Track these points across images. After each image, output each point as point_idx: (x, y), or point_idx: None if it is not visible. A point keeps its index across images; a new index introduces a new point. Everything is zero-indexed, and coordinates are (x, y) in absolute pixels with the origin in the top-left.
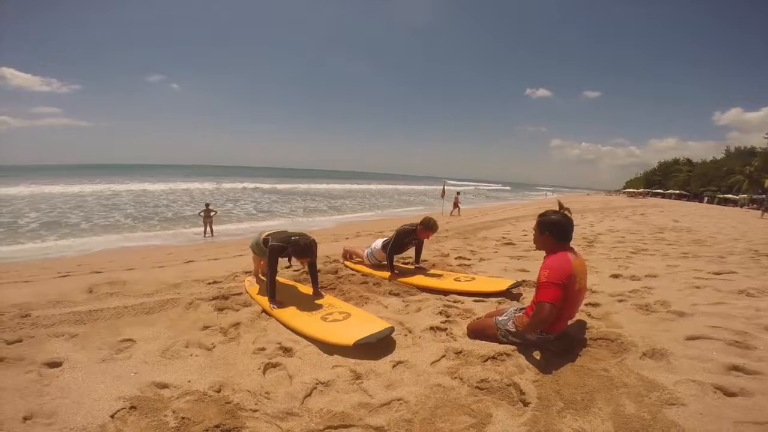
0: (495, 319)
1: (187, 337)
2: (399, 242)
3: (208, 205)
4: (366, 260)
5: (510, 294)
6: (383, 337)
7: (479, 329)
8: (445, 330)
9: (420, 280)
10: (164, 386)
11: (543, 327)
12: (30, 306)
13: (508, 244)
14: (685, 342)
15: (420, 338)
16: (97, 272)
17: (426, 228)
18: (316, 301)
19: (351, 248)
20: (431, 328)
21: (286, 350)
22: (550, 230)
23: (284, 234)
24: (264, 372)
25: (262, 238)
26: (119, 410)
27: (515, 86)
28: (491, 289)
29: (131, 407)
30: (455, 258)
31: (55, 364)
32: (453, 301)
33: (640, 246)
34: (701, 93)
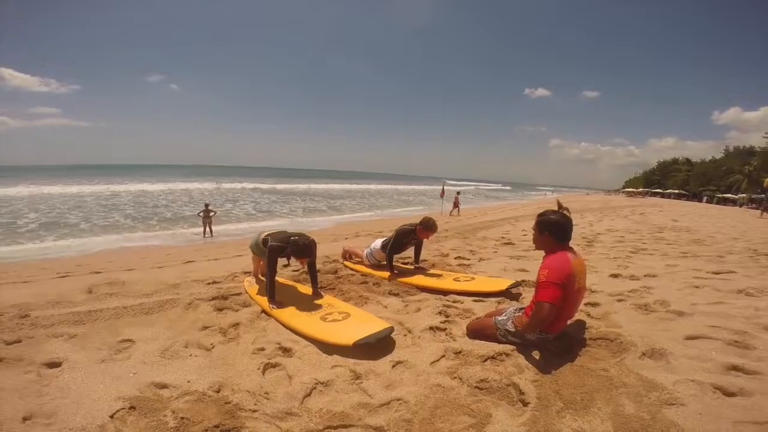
0: (494, 319)
1: (187, 338)
2: (398, 242)
3: (208, 206)
4: (365, 260)
5: (509, 294)
6: (383, 337)
7: (479, 329)
8: (445, 330)
9: (419, 280)
10: (163, 386)
11: (542, 327)
12: (29, 306)
13: (508, 244)
14: (685, 342)
15: (419, 338)
16: (97, 273)
17: (425, 228)
18: (316, 301)
19: (350, 248)
20: (431, 328)
21: (286, 350)
22: (550, 230)
23: (283, 234)
24: (263, 372)
25: (262, 239)
26: (118, 410)
27: (514, 86)
28: (491, 289)
29: (130, 407)
30: (455, 258)
31: (55, 365)
32: (452, 301)
33: (640, 246)
34: (700, 92)
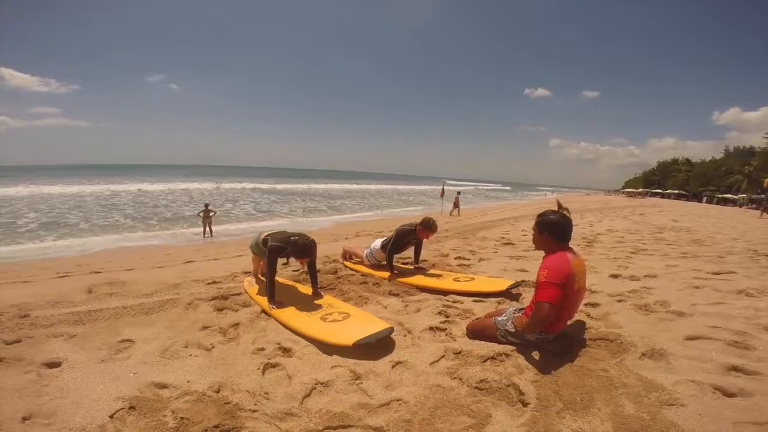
0: (494, 320)
1: (187, 338)
2: (398, 242)
3: (208, 206)
4: (365, 260)
5: (509, 294)
6: (382, 338)
7: (478, 329)
8: (445, 330)
9: (419, 280)
10: (163, 386)
11: (542, 327)
12: (29, 306)
13: (508, 244)
14: (685, 342)
15: (419, 338)
16: (96, 272)
17: (425, 228)
18: (316, 302)
19: (350, 248)
20: (430, 329)
21: (286, 350)
22: (549, 230)
23: (283, 234)
24: (263, 372)
25: (262, 239)
26: (118, 410)
27: (514, 86)
28: (490, 290)
29: (130, 407)
30: (455, 258)
31: (54, 365)
32: (452, 302)
33: (640, 246)
34: (700, 93)
